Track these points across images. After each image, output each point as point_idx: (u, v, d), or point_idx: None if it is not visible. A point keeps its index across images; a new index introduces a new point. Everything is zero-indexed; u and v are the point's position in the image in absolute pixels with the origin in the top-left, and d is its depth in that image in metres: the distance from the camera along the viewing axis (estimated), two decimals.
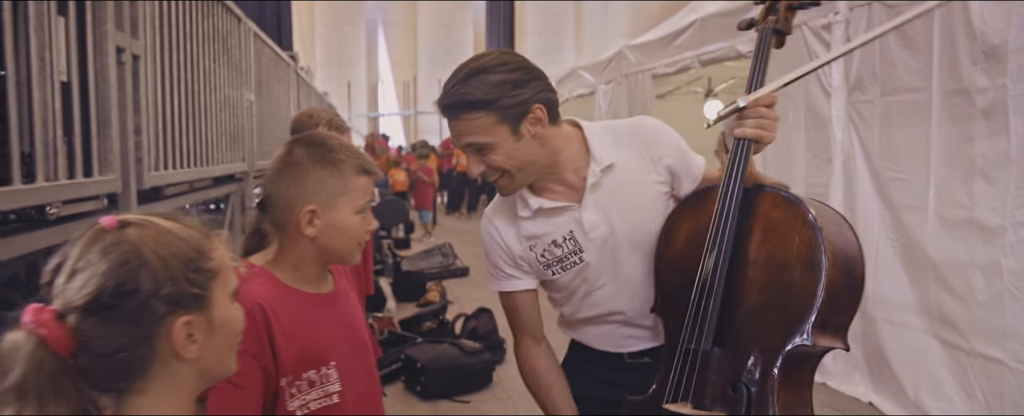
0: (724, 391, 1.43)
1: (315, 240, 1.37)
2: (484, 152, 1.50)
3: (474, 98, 1.45)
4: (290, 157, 1.39)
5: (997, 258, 3.06)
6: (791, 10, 1.58)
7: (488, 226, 1.70)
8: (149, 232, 0.85)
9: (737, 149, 1.45)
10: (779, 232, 1.42)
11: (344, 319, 1.47)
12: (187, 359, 0.86)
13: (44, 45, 1.95)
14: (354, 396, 1.41)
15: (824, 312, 1.36)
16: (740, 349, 1.43)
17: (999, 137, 3.06)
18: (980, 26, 3.11)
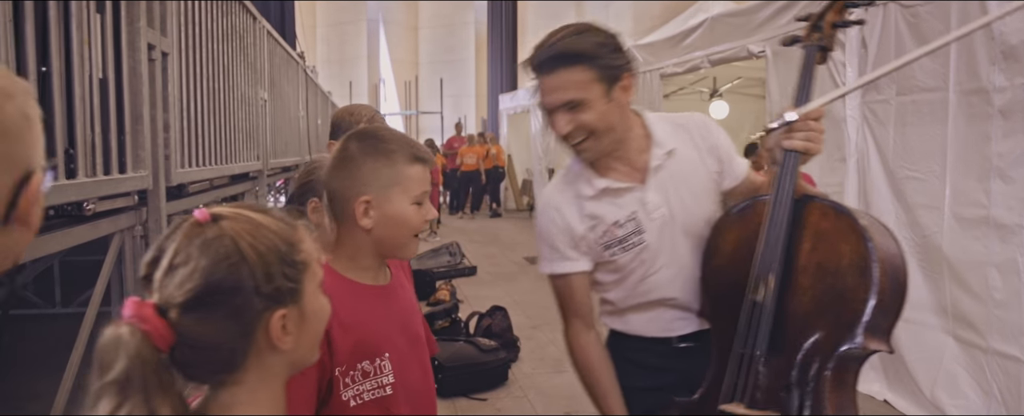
0: (776, 392, 1.48)
1: (371, 232, 1.37)
2: (577, 109, 1.53)
3: (579, 50, 1.50)
4: (345, 152, 1.39)
5: (1014, 256, 3.08)
6: (835, 28, 1.62)
7: (547, 208, 1.72)
8: (244, 226, 0.85)
9: (786, 161, 1.50)
10: (829, 241, 1.47)
11: (400, 312, 1.47)
12: (283, 350, 0.87)
13: (83, 42, 1.97)
14: (407, 388, 1.41)
15: (874, 316, 1.41)
16: (792, 352, 1.48)
17: (1017, 136, 3.08)
18: (998, 25, 3.13)
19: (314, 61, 19.81)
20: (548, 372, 4.59)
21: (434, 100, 22.14)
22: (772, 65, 4.94)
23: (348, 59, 22.51)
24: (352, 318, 1.33)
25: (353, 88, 21.63)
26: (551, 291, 1.76)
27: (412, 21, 24.07)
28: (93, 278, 2.30)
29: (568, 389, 4.26)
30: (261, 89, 4.77)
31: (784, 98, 4.85)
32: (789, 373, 1.48)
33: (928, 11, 3.56)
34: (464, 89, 23.08)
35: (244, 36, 4.18)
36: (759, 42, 5.06)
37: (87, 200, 1.98)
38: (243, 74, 4.13)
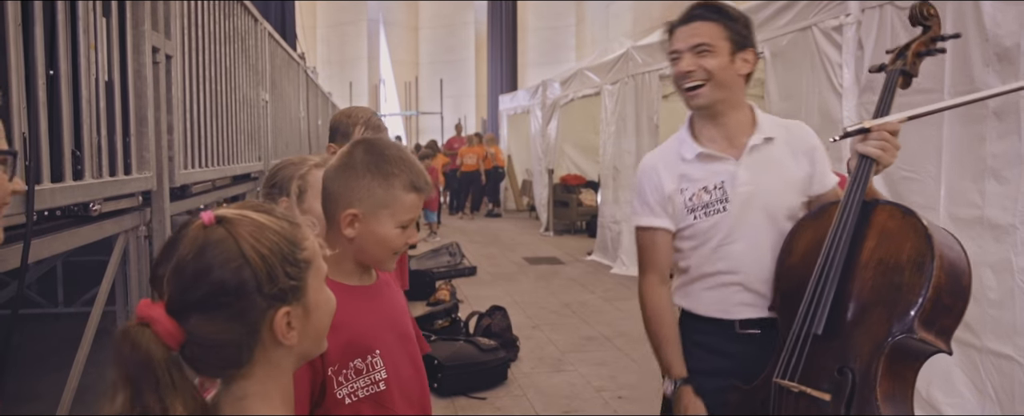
0: (831, 374, 1.57)
1: (353, 242, 1.41)
2: (704, 54, 1.76)
3: (720, 11, 1.78)
4: (351, 157, 1.42)
5: (1008, 256, 3.11)
6: (918, 56, 1.80)
7: (646, 167, 1.93)
8: (248, 229, 0.89)
9: (860, 165, 1.64)
10: (892, 239, 1.58)
11: (387, 310, 1.51)
12: (288, 345, 0.91)
13: (90, 46, 2.00)
14: (400, 383, 1.45)
15: (929, 310, 1.50)
16: (849, 338, 1.58)
17: (1011, 137, 3.11)
18: (992, 28, 3.16)
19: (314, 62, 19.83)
20: (547, 371, 4.62)
21: (434, 101, 22.17)
22: (770, 66, 4.97)
23: (348, 60, 22.54)
24: (340, 318, 1.36)
25: (353, 89, 21.66)
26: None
27: (412, 22, 24.09)
28: (96, 277, 2.33)
29: (567, 388, 4.30)
30: (263, 90, 4.81)
31: (782, 98, 4.88)
32: (844, 356, 1.57)
33: None
34: (464, 90, 23.11)
35: (246, 38, 4.22)
36: (758, 43, 5.08)
37: (93, 201, 2.01)
38: (245, 76, 4.16)
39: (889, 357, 1.52)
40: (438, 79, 22.39)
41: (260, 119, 4.65)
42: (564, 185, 11.27)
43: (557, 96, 10.67)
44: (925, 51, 1.79)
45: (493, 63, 21.02)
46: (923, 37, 1.78)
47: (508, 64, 20.49)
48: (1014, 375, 3.12)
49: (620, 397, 4.11)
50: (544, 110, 11.36)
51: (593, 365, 4.72)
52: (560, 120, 10.83)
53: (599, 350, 5.07)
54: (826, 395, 1.55)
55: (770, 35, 4.93)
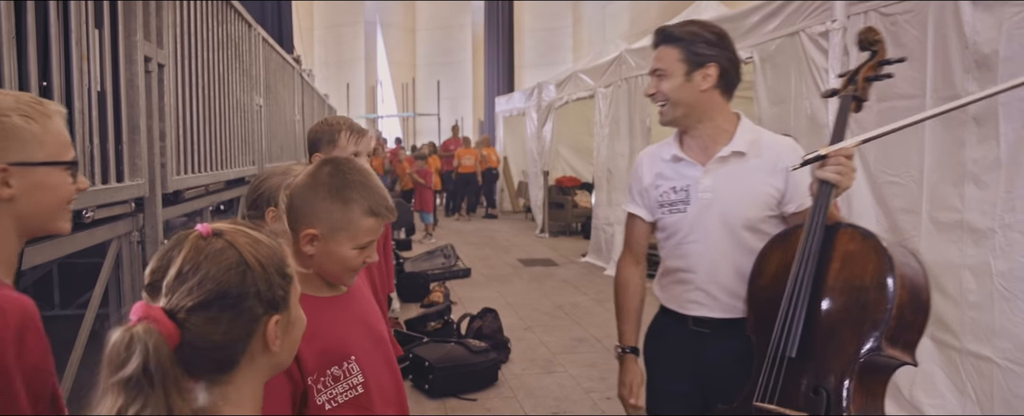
0: (807, 394, 1.66)
1: (312, 259, 1.46)
2: (661, 77, 1.92)
3: (675, 35, 1.91)
4: (315, 177, 1.46)
5: (987, 259, 3.17)
6: (867, 81, 1.86)
7: (641, 157, 2.13)
8: (246, 239, 0.95)
9: (820, 190, 1.71)
10: (855, 261, 1.66)
11: (360, 316, 1.56)
12: (274, 353, 0.97)
13: (82, 57, 2.05)
14: (378, 385, 1.50)
15: (894, 327, 1.59)
16: (822, 358, 1.66)
17: (989, 143, 3.17)
18: (972, 35, 3.22)
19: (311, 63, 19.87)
20: (538, 373, 4.68)
21: (431, 102, 22.22)
22: (759, 70, 5.03)
23: (345, 61, 22.57)
24: (313, 329, 1.40)
25: (350, 90, 21.70)
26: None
27: (409, 23, 24.14)
28: (91, 280, 2.38)
29: (557, 390, 4.35)
30: (257, 95, 4.85)
31: (771, 103, 4.94)
32: (818, 377, 1.65)
33: (906, 20, 3.65)
34: (461, 91, 23.16)
35: (240, 44, 4.27)
36: (747, 48, 5.15)
37: (86, 208, 2.06)
38: (238, 81, 4.21)
39: (860, 374, 1.60)
40: (435, 80, 22.45)
41: (254, 123, 4.70)
42: (559, 187, 11.33)
43: (552, 98, 10.73)
44: (874, 76, 1.86)
45: (490, 64, 21.06)
46: (871, 62, 1.86)
47: (505, 65, 20.55)
48: (993, 376, 3.18)
49: (609, 398, 4.17)
50: (539, 112, 11.42)
51: (583, 367, 4.77)
52: (555, 122, 10.89)
53: (590, 352, 5.12)
54: (803, 414, 1.63)
55: (758, 40, 4.99)
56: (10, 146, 1.13)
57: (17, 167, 1.14)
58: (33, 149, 1.15)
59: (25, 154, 1.14)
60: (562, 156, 11.81)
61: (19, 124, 1.14)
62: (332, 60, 22.60)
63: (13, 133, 1.13)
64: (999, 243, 3.12)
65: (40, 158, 1.16)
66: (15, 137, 1.13)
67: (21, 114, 1.14)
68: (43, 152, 1.16)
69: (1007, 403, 3.09)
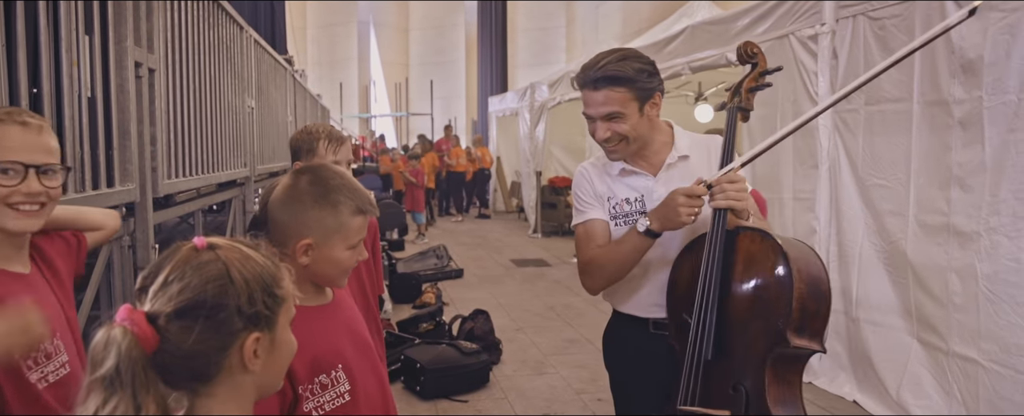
0: (726, 392, 1.73)
1: (308, 267, 1.49)
2: (615, 120, 1.89)
3: (623, 75, 1.85)
4: (295, 189, 1.49)
5: (972, 262, 3.20)
6: (750, 92, 1.96)
7: (581, 171, 2.11)
8: (235, 255, 0.98)
9: (715, 216, 1.80)
10: (756, 261, 1.75)
11: (346, 324, 1.58)
12: (251, 371, 0.98)
13: (72, 63, 2.06)
14: (365, 393, 1.53)
15: (798, 319, 1.67)
16: (736, 356, 1.74)
17: (975, 147, 3.20)
18: (958, 41, 3.25)
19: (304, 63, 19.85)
20: (529, 374, 4.69)
21: (424, 102, 22.21)
22: None
23: (338, 61, 22.56)
24: (303, 338, 1.42)
25: (343, 90, 21.68)
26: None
27: (402, 23, 24.13)
28: (83, 283, 2.39)
29: (548, 391, 4.37)
30: (248, 97, 4.86)
31: (759, 105, 4.96)
32: (734, 374, 1.73)
33: (894, 24, 3.68)
34: (454, 91, 23.16)
35: (231, 47, 4.27)
36: None
37: None
38: (230, 84, 4.22)
39: (773, 366, 1.69)
40: (428, 80, 22.44)
41: (245, 126, 4.71)
42: (552, 187, 11.35)
43: (545, 99, 10.75)
44: (756, 86, 1.95)
45: (483, 64, 21.08)
46: (752, 73, 1.95)
47: (498, 65, 20.56)
48: (978, 377, 3.21)
49: (600, 399, 4.19)
50: (532, 112, 11.44)
51: (574, 368, 4.79)
52: (548, 122, 10.91)
53: (581, 352, 5.15)
54: (725, 412, 1.70)
55: None
56: None
57: None
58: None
59: None
60: (555, 156, 11.84)
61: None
62: (325, 60, 22.58)
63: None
64: (984, 246, 3.16)
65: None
66: None
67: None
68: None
69: (992, 404, 3.13)
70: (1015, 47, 3.02)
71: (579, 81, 1.92)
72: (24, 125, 1.35)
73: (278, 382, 1.07)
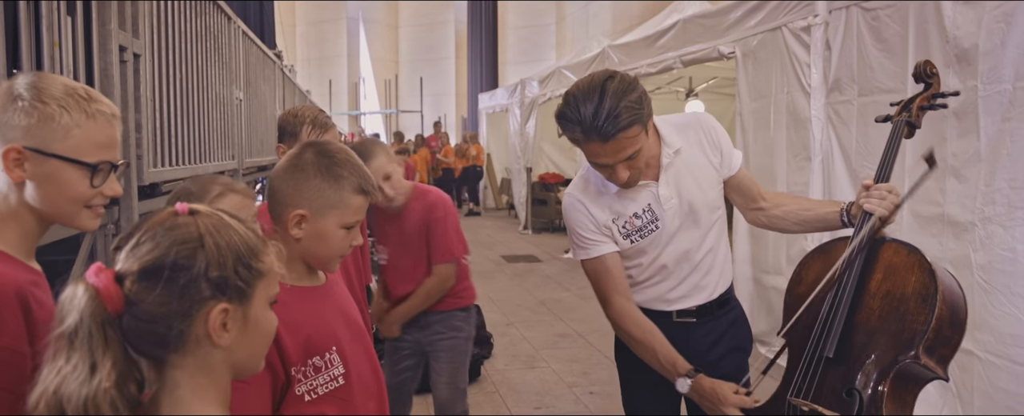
0: (840, 395, 1.69)
1: (300, 242, 1.46)
2: (634, 158, 1.78)
3: (632, 119, 1.71)
4: (299, 159, 1.46)
5: (967, 252, 3.18)
6: (922, 109, 1.92)
7: (574, 203, 1.98)
8: (213, 222, 0.95)
9: (863, 217, 1.77)
10: (898, 273, 1.70)
11: (339, 307, 1.55)
12: (219, 345, 0.94)
13: (54, 44, 2.01)
14: (358, 377, 1.49)
15: (931, 339, 1.62)
16: (857, 362, 1.69)
17: (970, 137, 3.18)
18: (952, 30, 3.23)
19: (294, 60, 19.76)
20: (520, 368, 4.66)
21: (414, 99, 22.15)
22: (741, 65, 5.03)
23: (328, 57, 22.48)
24: (296, 318, 1.40)
25: (333, 86, 21.60)
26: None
27: (392, 20, 24.06)
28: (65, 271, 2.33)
29: (539, 385, 4.34)
30: (236, 89, 4.80)
31: (752, 98, 4.95)
32: (852, 379, 1.68)
33: (887, 15, 3.66)
34: (444, 88, 23.12)
35: (219, 37, 4.21)
36: (729, 43, 5.16)
37: None
38: (218, 74, 4.16)
39: (894, 380, 1.63)
40: (418, 77, 22.38)
41: (234, 117, 4.65)
42: (542, 183, 11.32)
43: (535, 95, 10.72)
44: (928, 105, 1.93)
45: (473, 61, 21.03)
46: (926, 93, 1.92)
47: (488, 62, 20.53)
48: (973, 369, 3.19)
49: (591, 392, 4.16)
50: (522, 109, 11.41)
51: (566, 362, 4.76)
52: (538, 119, 10.88)
53: (572, 347, 5.12)
54: (835, 414, 1.67)
55: (741, 35, 5.00)
56: (36, 132, 1.13)
57: (32, 152, 1.13)
58: (53, 140, 1.14)
59: (43, 143, 1.13)
60: (545, 152, 11.81)
61: (52, 112, 1.13)
62: (314, 56, 22.50)
63: (43, 120, 1.13)
64: (979, 236, 3.14)
65: (56, 151, 1.14)
66: (42, 124, 1.13)
67: (59, 104, 1.14)
68: (62, 146, 1.14)
69: (987, 395, 3.11)
70: (1010, 36, 3.00)
71: (580, 138, 1.76)
72: (113, 118, 1.23)
73: (256, 363, 1.03)
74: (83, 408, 0.84)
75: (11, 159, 1.13)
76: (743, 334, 2.15)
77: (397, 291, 2.86)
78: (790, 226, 2.06)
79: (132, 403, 0.89)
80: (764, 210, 2.09)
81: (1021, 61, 2.96)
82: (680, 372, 1.84)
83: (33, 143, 1.13)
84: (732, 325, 2.10)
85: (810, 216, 1.99)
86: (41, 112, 1.13)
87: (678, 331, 2.00)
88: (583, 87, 1.75)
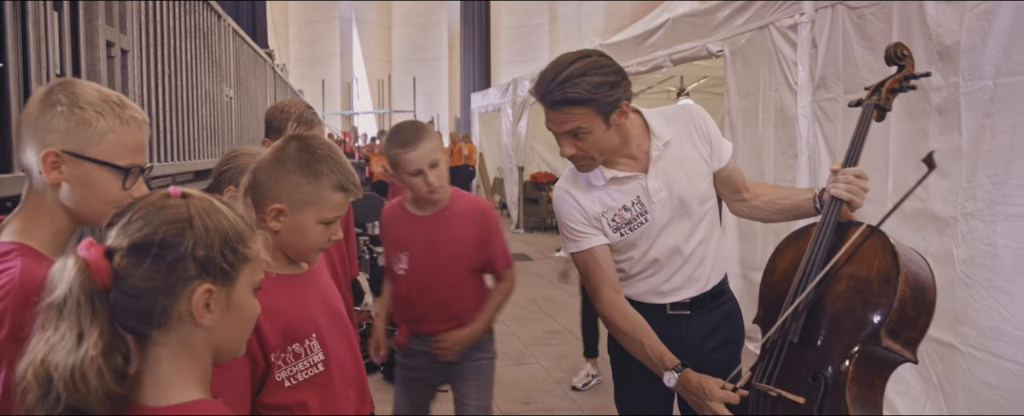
0: (805, 379, 1.69)
1: (278, 234, 1.48)
2: (580, 137, 1.80)
3: (579, 97, 1.73)
4: (283, 152, 1.48)
5: (949, 247, 3.22)
6: (892, 92, 1.92)
7: (564, 195, 2.00)
8: (203, 205, 0.98)
9: (831, 200, 1.77)
10: (863, 256, 1.69)
11: (321, 295, 1.57)
12: (201, 324, 0.96)
13: (40, 39, 2.02)
14: (339, 364, 1.51)
15: (895, 320, 1.61)
16: (822, 346, 1.70)
17: (951, 133, 3.22)
18: (935, 27, 3.27)
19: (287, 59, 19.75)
20: (509, 364, 4.68)
21: (407, 98, 22.16)
22: (730, 64, 5.06)
23: (320, 57, 22.46)
24: (276, 305, 1.41)
25: (326, 86, 21.58)
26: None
27: (385, 20, 24.06)
28: None
29: (528, 380, 4.36)
30: (226, 87, 4.81)
31: (741, 96, 4.98)
32: (817, 363, 1.68)
33: (872, 13, 3.70)
34: (437, 88, 23.13)
35: (208, 34, 4.22)
36: (718, 41, 5.19)
37: None
38: (207, 72, 4.17)
39: (858, 364, 1.62)
40: (411, 77, 22.38)
41: (224, 115, 4.66)
42: (534, 182, 11.35)
43: (527, 94, 10.74)
44: (899, 88, 1.92)
45: (466, 61, 21.05)
46: (898, 75, 1.91)
47: (481, 62, 20.54)
48: (955, 362, 3.23)
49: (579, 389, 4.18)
50: (515, 108, 11.43)
51: (555, 358, 4.79)
52: (530, 118, 10.90)
53: (562, 343, 5.14)
54: (800, 398, 1.66)
55: (728, 34, 5.03)
56: (73, 136, 1.18)
57: (70, 156, 1.18)
58: (90, 144, 1.20)
59: (80, 146, 1.19)
60: (537, 152, 11.83)
61: (89, 118, 1.19)
62: (307, 56, 22.48)
63: (80, 124, 1.19)
64: (961, 231, 3.17)
65: (92, 154, 1.20)
66: (80, 128, 1.19)
67: (96, 110, 1.19)
68: (98, 150, 1.20)
69: (969, 388, 3.15)
70: (991, 34, 3.04)
71: (536, 97, 1.82)
72: (144, 123, 1.29)
73: (238, 347, 1.05)
74: (70, 376, 0.87)
75: (49, 162, 1.18)
76: (737, 327, 2.16)
77: (420, 302, 2.49)
78: (770, 216, 2.07)
79: (119, 374, 0.92)
80: (747, 201, 2.11)
81: (1001, 58, 2.99)
82: (667, 366, 1.84)
83: (70, 147, 1.19)
84: (726, 317, 2.12)
85: (787, 204, 2.00)
86: (79, 117, 1.19)
87: (672, 324, 2.02)
88: (564, 55, 1.81)
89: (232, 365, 1.35)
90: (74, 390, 0.87)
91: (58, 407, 0.87)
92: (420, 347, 2.53)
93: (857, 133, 1.86)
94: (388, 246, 2.56)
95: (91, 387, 0.88)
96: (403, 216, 2.50)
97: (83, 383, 0.87)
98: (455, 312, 2.48)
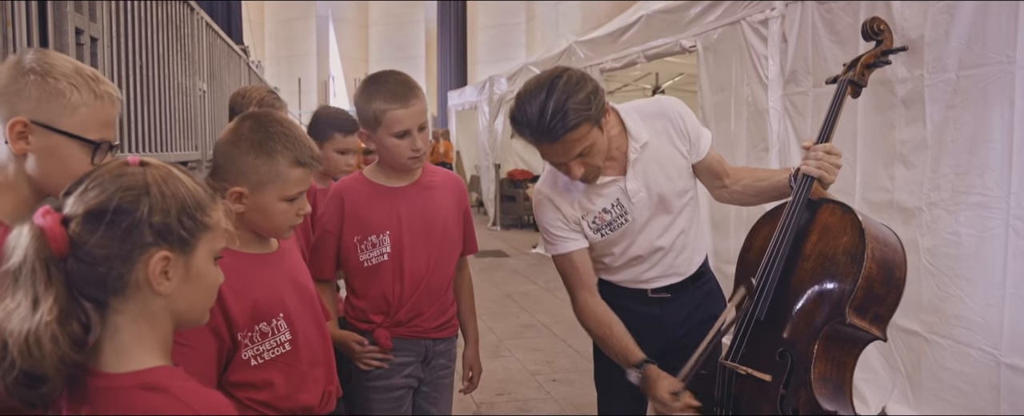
0: (773, 357, 1.69)
1: (243, 216, 1.46)
2: (585, 155, 1.78)
3: (579, 119, 1.70)
4: (237, 132, 1.47)
5: (914, 237, 3.28)
6: (868, 67, 1.90)
7: (543, 200, 2.01)
8: (161, 172, 0.97)
9: (802, 178, 1.76)
10: (832, 233, 1.69)
11: (289, 274, 1.55)
12: (159, 292, 0.96)
13: (6, 22, 2.01)
14: (306, 343, 1.51)
15: (861, 297, 1.60)
16: (789, 323, 1.71)
17: (917, 124, 3.28)
18: (900, 21, 3.33)
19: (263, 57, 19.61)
20: (485, 357, 4.66)
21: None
22: (702, 59, 5.11)
23: (297, 56, 22.33)
24: (244, 284, 1.41)
25: (302, 85, 21.45)
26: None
27: (362, 19, 23.96)
28: None
29: (503, 373, 4.38)
30: (200, 80, 4.78)
31: (714, 91, 5.03)
32: (784, 341, 1.69)
33: (840, 7, 3.76)
34: None
35: (181, 27, 4.20)
36: (690, 37, 5.24)
37: None
38: (180, 64, 4.15)
39: (824, 341, 1.62)
40: None
41: (197, 108, 4.64)
42: (511, 180, 11.37)
43: (504, 92, 10.76)
44: (874, 63, 1.90)
45: (443, 60, 21.02)
46: (875, 50, 1.89)
47: (458, 61, 20.52)
48: (920, 349, 3.29)
49: (554, 380, 4.21)
50: (491, 106, 11.45)
51: (530, 351, 4.81)
52: (507, 116, 10.89)
53: (537, 337, 5.16)
54: (767, 376, 1.67)
55: (701, 30, 5.08)
56: (43, 106, 1.17)
57: (38, 126, 1.16)
58: (61, 116, 1.18)
59: (51, 118, 1.17)
60: (514, 149, 11.86)
61: (62, 88, 1.17)
62: (284, 55, 22.34)
63: (51, 95, 1.17)
64: (925, 220, 3.24)
65: (63, 127, 1.18)
66: (51, 100, 1.17)
67: (70, 82, 1.18)
68: (69, 122, 1.18)
69: (933, 374, 3.21)
70: (953, 28, 3.10)
71: (530, 140, 1.76)
72: (116, 99, 1.27)
73: (200, 315, 1.05)
74: (24, 341, 0.87)
75: (16, 131, 1.16)
76: (717, 303, 2.17)
77: (411, 294, 2.07)
78: (750, 199, 2.08)
79: (76, 341, 0.91)
80: (727, 187, 2.11)
81: (964, 51, 3.05)
82: (631, 363, 1.85)
83: (40, 117, 1.17)
84: (706, 296, 2.15)
85: (765, 186, 2.00)
86: (53, 88, 1.16)
87: (653, 305, 2.06)
88: (532, 87, 1.75)
89: (198, 344, 1.35)
90: (28, 355, 0.87)
91: (13, 372, 0.87)
92: (409, 357, 2.11)
93: (831, 109, 1.85)
94: (355, 231, 2.04)
95: (45, 352, 0.88)
96: (374, 190, 2.07)
97: (38, 348, 0.87)
98: (446, 305, 2.17)
